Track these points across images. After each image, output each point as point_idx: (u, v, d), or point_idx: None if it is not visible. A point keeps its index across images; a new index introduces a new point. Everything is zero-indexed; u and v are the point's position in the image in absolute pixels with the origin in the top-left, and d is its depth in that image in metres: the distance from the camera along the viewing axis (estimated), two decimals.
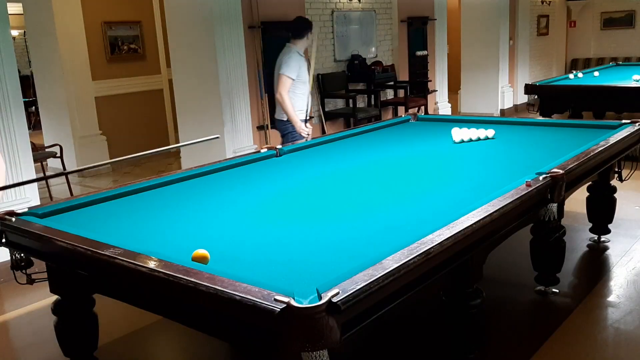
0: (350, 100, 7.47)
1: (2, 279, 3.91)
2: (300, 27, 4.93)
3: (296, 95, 4.87)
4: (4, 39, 4.25)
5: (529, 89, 6.97)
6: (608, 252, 4.01)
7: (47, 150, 6.62)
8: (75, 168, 1.96)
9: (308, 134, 4.84)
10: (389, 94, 8.43)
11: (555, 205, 2.80)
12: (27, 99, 9.77)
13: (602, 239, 4.12)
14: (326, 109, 7.36)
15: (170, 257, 1.98)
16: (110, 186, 3.41)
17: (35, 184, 4.58)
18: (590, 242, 4.13)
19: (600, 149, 3.29)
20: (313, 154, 3.88)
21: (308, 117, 4.98)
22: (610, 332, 3.04)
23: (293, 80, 4.78)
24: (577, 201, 4.00)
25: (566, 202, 3.06)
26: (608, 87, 6.56)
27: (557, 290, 3.38)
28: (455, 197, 2.69)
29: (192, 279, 1.77)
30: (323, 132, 7.14)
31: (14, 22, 6.80)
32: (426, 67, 8.90)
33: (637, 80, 6.73)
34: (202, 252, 2.01)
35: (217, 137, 2.58)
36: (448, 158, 3.60)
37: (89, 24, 7.17)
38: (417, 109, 8.15)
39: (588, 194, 4.03)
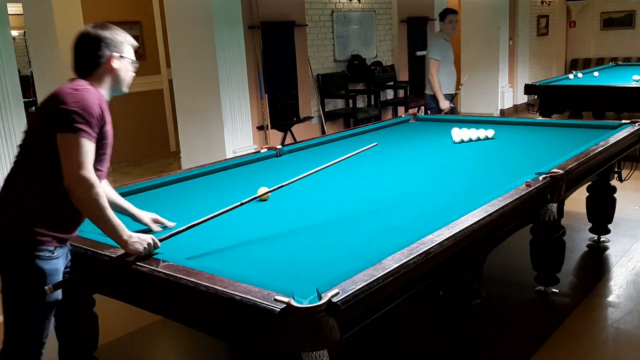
0: (350, 101, 7.47)
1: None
2: (440, 16, 6.01)
3: (442, 74, 5.81)
4: (4, 39, 4.25)
5: (528, 89, 6.97)
6: (608, 252, 4.01)
7: None
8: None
9: (446, 109, 5.78)
10: (389, 94, 8.43)
11: (555, 205, 2.80)
12: (27, 99, 9.76)
13: (602, 239, 4.12)
14: (326, 109, 7.36)
15: (171, 257, 1.98)
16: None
17: None
18: (590, 242, 4.13)
19: (600, 149, 3.29)
20: (313, 154, 3.88)
21: (454, 93, 6.01)
22: (610, 332, 3.04)
23: (439, 61, 5.75)
24: (577, 201, 4.00)
25: (566, 202, 3.06)
26: (608, 87, 6.57)
27: (557, 290, 3.38)
28: (455, 197, 2.69)
29: (192, 279, 1.77)
30: (323, 132, 7.14)
31: (14, 23, 6.79)
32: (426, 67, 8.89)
33: (637, 81, 6.73)
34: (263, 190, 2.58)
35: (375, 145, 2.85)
36: (448, 158, 3.60)
37: None
38: (417, 109, 8.15)
39: (588, 194, 4.03)
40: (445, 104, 5.81)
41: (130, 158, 7.76)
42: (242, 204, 2.29)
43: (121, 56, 2.16)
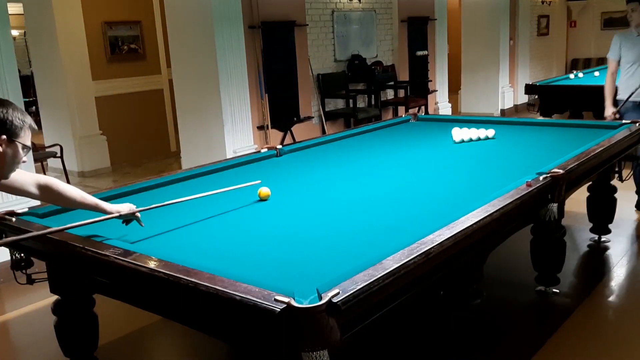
0: (351, 101, 7.47)
1: (2, 279, 3.92)
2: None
3: (621, 74, 4.75)
4: (4, 39, 4.25)
5: (529, 89, 6.96)
6: (608, 252, 4.01)
7: (47, 150, 6.62)
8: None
9: (607, 117, 4.67)
10: (389, 94, 8.43)
11: (555, 205, 2.79)
12: (27, 99, 9.77)
13: (602, 239, 4.12)
14: (326, 109, 7.36)
15: (171, 257, 1.98)
16: (111, 186, 3.42)
17: None
18: (591, 242, 4.13)
19: (600, 149, 3.29)
20: (313, 154, 3.88)
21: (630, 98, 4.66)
22: (610, 332, 3.04)
23: (614, 60, 4.76)
24: (577, 201, 4.00)
25: (566, 202, 3.05)
26: None
27: (558, 291, 3.37)
28: (455, 197, 2.69)
29: (192, 279, 1.77)
30: (323, 132, 7.14)
31: (14, 22, 6.80)
32: (426, 67, 8.90)
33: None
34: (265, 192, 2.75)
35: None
36: (448, 158, 3.60)
37: (89, 24, 7.17)
38: (417, 109, 8.15)
39: (588, 194, 4.02)
40: (607, 111, 4.71)
41: (130, 158, 7.76)
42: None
43: (11, 139, 1.96)
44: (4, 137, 1.94)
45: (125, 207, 2.35)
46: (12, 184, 2.18)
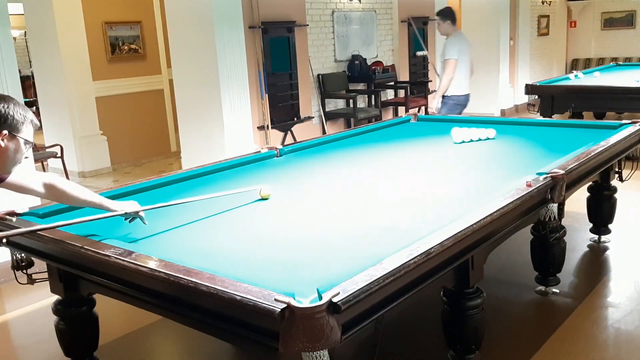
0: (351, 101, 7.48)
1: (2, 279, 3.92)
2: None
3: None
4: (5, 39, 4.25)
5: (529, 89, 6.97)
6: (608, 252, 4.01)
7: (47, 150, 6.62)
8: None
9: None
10: (389, 94, 8.43)
11: (555, 205, 2.79)
12: (27, 99, 9.79)
13: (602, 239, 4.12)
14: (327, 109, 7.37)
15: (171, 257, 1.98)
16: (111, 186, 3.42)
17: None
18: (591, 242, 4.13)
19: (600, 149, 3.29)
20: (313, 154, 3.88)
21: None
22: (610, 332, 3.04)
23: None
24: (577, 201, 4.00)
25: (566, 202, 3.05)
26: (608, 87, 6.55)
27: (558, 291, 3.38)
28: (455, 197, 2.69)
29: (192, 279, 1.77)
30: (323, 132, 7.14)
31: (15, 23, 6.80)
32: (426, 67, 8.90)
33: (638, 81, 6.71)
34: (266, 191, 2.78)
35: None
36: (448, 158, 3.60)
37: (90, 24, 7.17)
38: (417, 109, 8.16)
39: (588, 194, 4.02)
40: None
41: (130, 158, 7.77)
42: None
43: (13, 134, 1.97)
44: (5, 132, 1.95)
45: (130, 206, 2.36)
46: (19, 182, 2.20)
